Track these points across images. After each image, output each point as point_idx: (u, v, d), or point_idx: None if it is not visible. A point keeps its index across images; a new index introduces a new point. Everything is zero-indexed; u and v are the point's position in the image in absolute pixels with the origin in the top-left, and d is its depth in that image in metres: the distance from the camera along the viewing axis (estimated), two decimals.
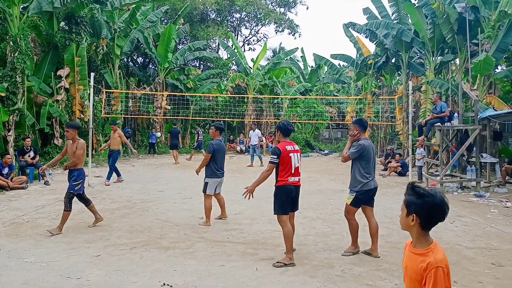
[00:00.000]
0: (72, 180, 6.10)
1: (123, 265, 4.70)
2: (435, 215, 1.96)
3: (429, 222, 1.99)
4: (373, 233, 5.10)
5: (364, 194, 5.01)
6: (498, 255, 5.15)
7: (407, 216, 2.02)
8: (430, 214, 1.96)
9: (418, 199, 1.97)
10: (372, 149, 5.09)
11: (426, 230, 2.01)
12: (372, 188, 5.06)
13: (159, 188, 10.15)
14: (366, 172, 4.99)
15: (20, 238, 5.75)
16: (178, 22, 22.08)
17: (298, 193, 5.02)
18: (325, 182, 11.59)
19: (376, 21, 16.66)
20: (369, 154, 5.01)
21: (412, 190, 2.01)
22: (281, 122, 5.05)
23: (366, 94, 21.20)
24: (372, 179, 5.06)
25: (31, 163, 10.92)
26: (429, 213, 1.96)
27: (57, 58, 14.62)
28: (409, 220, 2.00)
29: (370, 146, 5.07)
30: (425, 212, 1.96)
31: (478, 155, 10.25)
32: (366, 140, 5.08)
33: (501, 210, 7.91)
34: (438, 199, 1.95)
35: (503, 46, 12.11)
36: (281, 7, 31.62)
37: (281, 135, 4.99)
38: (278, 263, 4.71)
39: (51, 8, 12.98)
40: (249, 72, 23.17)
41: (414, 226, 2.00)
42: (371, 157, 5.05)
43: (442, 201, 1.95)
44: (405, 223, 2.05)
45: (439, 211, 1.96)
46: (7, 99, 11.77)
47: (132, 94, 20.14)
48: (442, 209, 1.96)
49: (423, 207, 1.96)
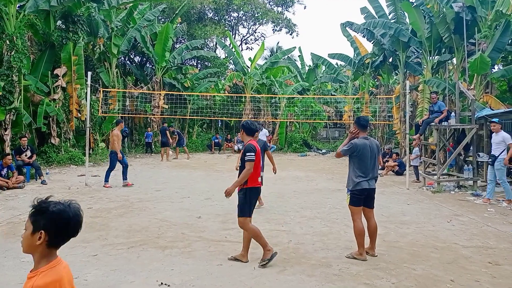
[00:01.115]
0: None
1: (121, 265, 4.69)
2: (67, 229, 1.74)
3: (59, 238, 1.74)
4: (371, 233, 5.07)
5: (358, 193, 4.90)
6: (495, 254, 5.17)
7: (32, 235, 1.70)
8: (61, 228, 1.72)
9: (48, 213, 1.71)
10: (369, 148, 4.89)
11: (54, 249, 1.75)
12: (367, 188, 4.88)
13: (156, 187, 10.13)
14: (360, 171, 4.87)
15: (17, 237, 5.72)
16: (176, 21, 22.04)
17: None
18: (322, 181, 11.61)
19: (373, 20, 16.69)
20: (363, 154, 4.86)
21: (40, 205, 1.74)
22: (245, 121, 4.87)
23: (364, 94, 21.24)
24: (368, 179, 4.88)
25: (28, 163, 10.88)
26: (60, 227, 1.72)
27: (54, 57, 14.57)
28: (35, 238, 1.70)
29: (366, 146, 4.88)
30: (57, 226, 1.71)
31: (475, 154, 10.28)
32: (364, 139, 4.96)
33: (497, 209, 7.94)
34: (72, 212, 1.75)
35: (500, 45, 12.16)
36: (279, 6, 31.63)
37: (245, 135, 4.82)
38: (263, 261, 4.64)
39: (47, 7, 12.94)
40: (247, 71, 23.17)
41: (41, 245, 1.70)
42: (367, 157, 4.87)
43: (76, 214, 1.76)
44: (30, 244, 1.72)
45: (73, 224, 1.75)
46: (3, 98, 11.73)
47: (130, 93, 20.10)
48: (76, 223, 1.76)
49: (54, 221, 1.70)
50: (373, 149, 4.94)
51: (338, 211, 7.60)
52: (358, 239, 4.93)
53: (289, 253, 5.14)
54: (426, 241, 5.70)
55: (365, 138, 4.99)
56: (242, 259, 4.77)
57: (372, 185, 4.96)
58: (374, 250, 5.08)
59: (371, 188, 4.95)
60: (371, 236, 5.08)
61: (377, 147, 5.05)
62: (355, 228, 4.96)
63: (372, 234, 5.08)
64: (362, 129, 5.03)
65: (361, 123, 5.05)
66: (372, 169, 4.95)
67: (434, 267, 4.69)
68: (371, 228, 5.07)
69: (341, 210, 7.58)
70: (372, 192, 5.02)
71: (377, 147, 5.05)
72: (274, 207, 7.96)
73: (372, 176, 4.95)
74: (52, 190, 9.50)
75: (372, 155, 4.93)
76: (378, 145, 5.10)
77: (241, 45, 33.06)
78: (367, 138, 4.99)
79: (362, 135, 5.00)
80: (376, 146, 5.02)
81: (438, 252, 5.23)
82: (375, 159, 4.98)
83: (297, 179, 12.04)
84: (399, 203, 8.53)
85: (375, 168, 4.98)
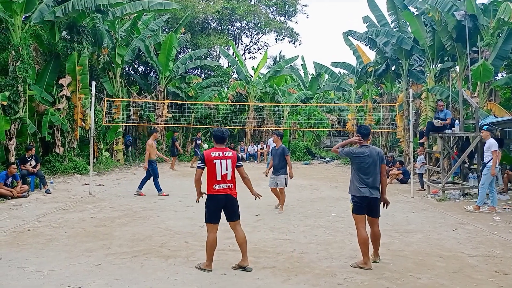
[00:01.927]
0: None
1: (124, 274, 4.68)
2: None
3: None
4: (373, 240, 5.05)
5: (359, 201, 4.89)
6: (502, 263, 5.12)
7: None
8: None
9: None
10: (368, 156, 4.89)
11: None
12: (367, 196, 4.85)
13: (160, 196, 10.13)
14: (359, 179, 4.90)
15: (20, 247, 5.73)
16: (179, 31, 22.23)
17: (231, 202, 4.82)
18: (326, 190, 11.57)
19: (376, 29, 16.75)
20: (360, 161, 4.90)
21: None
22: (215, 129, 5.06)
23: (367, 102, 21.25)
24: (368, 187, 4.86)
25: (32, 172, 10.92)
26: None
27: (58, 67, 14.70)
28: None
29: (363, 154, 4.90)
30: None
31: (479, 162, 10.22)
32: (364, 147, 4.97)
33: (504, 217, 7.87)
34: None
35: (503, 53, 12.16)
36: (281, 16, 31.84)
37: (214, 141, 4.98)
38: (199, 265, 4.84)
39: (53, 18, 13.10)
40: (250, 80, 23.26)
41: None
42: (366, 165, 4.88)
43: None
44: None
45: None
46: (8, 108, 11.82)
47: (134, 103, 20.21)
48: None
49: None
50: (372, 156, 4.92)
51: (342, 219, 7.56)
52: (362, 248, 4.89)
53: (293, 262, 5.10)
54: (431, 250, 5.65)
55: (365, 146, 4.99)
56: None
57: (374, 194, 4.91)
58: (377, 256, 5.09)
59: (372, 197, 4.90)
60: (373, 243, 5.05)
61: (379, 155, 4.99)
62: (358, 237, 4.93)
63: (374, 241, 5.05)
64: (364, 137, 5.03)
65: (361, 131, 5.07)
66: (374, 178, 4.91)
67: (440, 276, 4.64)
68: (373, 235, 5.04)
69: (345, 219, 7.54)
70: (374, 201, 4.95)
71: (379, 155, 4.99)
72: (278, 215, 7.93)
73: (373, 184, 4.90)
74: (56, 199, 9.51)
75: (372, 163, 4.90)
76: (380, 153, 5.05)
77: (244, 54, 33.25)
78: (367, 146, 4.99)
79: (363, 144, 5.01)
80: (377, 154, 4.97)
81: (444, 261, 5.18)
82: (375, 167, 4.94)
83: (301, 187, 12.01)
84: (403, 211, 8.48)
85: (376, 176, 4.93)
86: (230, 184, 4.81)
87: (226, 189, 4.77)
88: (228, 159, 4.79)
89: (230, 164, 4.79)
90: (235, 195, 4.87)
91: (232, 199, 4.82)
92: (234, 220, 4.88)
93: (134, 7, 15.42)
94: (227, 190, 4.78)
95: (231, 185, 4.82)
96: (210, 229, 4.82)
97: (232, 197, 4.82)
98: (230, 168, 4.79)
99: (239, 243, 4.85)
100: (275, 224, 7.20)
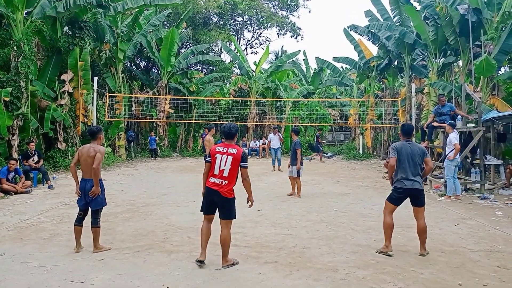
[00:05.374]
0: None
1: (127, 269, 4.70)
2: None
3: None
4: (419, 233, 5.29)
5: (396, 191, 5.28)
6: (504, 258, 5.12)
7: None
8: None
9: None
10: (408, 150, 5.23)
11: None
12: (408, 188, 5.18)
13: (162, 191, 10.16)
14: (400, 171, 5.25)
15: (24, 242, 5.76)
16: (181, 26, 22.16)
17: (220, 200, 4.69)
18: (328, 185, 11.57)
19: (378, 23, 16.68)
20: (401, 154, 5.25)
21: None
22: (224, 125, 5.10)
23: (369, 97, 21.18)
24: (408, 180, 5.18)
25: (35, 167, 10.96)
26: None
27: (60, 62, 14.70)
28: None
29: (403, 148, 5.26)
30: None
31: (482, 157, 10.20)
32: (403, 142, 5.36)
33: (506, 212, 7.86)
34: None
35: (506, 47, 12.08)
36: (283, 10, 31.69)
37: (223, 137, 5.05)
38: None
39: (54, 13, 13.08)
40: (252, 75, 23.22)
41: None
42: (404, 159, 5.22)
43: None
44: None
45: None
46: (11, 103, 11.85)
47: (135, 98, 20.22)
48: None
49: None
50: (414, 151, 5.26)
51: (344, 214, 7.56)
52: (385, 232, 5.30)
53: (295, 257, 5.12)
54: (433, 244, 5.65)
55: (407, 141, 5.39)
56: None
57: (416, 185, 5.20)
58: (423, 250, 5.24)
59: (413, 188, 5.20)
60: (419, 236, 5.29)
61: (420, 150, 5.33)
62: (383, 222, 5.36)
63: (420, 234, 5.28)
64: (403, 135, 5.47)
65: (404, 129, 5.53)
66: (414, 170, 5.22)
67: (442, 271, 4.65)
68: (419, 228, 5.29)
69: (347, 214, 7.55)
70: (415, 192, 5.21)
71: (420, 150, 5.33)
72: (280, 211, 7.94)
73: (414, 176, 5.20)
74: (59, 195, 9.56)
75: (412, 156, 5.22)
76: (421, 149, 5.37)
77: (246, 49, 33.15)
78: (409, 142, 5.37)
79: (404, 139, 5.43)
80: (418, 149, 5.32)
81: (446, 256, 5.18)
82: (416, 161, 5.24)
83: (303, 182, 11.98)
84: (405, 206, 8.43)
85: (416, 169, 5.24)
86: (225, 181, 4.70)
87: (218, 184, 4.70)
88: (230, 155, 4.72)
89: (230, 161, 4.70)
90: (225, 194, 4.69)
91: (220, 197, 4.69)
92: (222, 219, 4.78)
93: (135, 2, 15.40)
94: (217, 186, 4.71)
95: (226, 182, 4.70)
96: (203, 218, 4.94)
97: (221, 195, 4.68)
98: (229, 165, 4.70)
99: (220, 243, 4.80)
100: (277, 219, 7.21)
